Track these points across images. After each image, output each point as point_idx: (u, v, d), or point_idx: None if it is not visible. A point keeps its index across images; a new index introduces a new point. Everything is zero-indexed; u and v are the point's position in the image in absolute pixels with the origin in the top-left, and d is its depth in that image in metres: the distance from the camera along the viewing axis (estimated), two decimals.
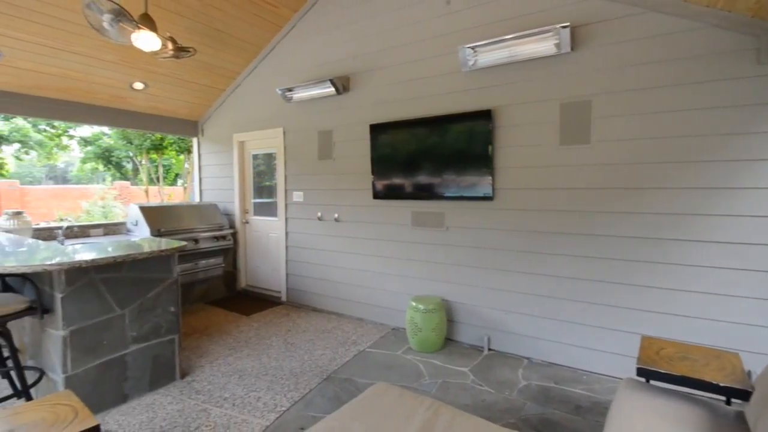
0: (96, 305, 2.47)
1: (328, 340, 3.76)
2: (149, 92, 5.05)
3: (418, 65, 3.89)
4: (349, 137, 4.42)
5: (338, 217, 4.52)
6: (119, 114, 5.17)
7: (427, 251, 3.92)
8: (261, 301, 5.09)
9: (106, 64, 4.43)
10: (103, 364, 2.52)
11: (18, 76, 4.13)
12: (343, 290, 4.53)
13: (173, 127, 6.00)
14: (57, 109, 4.66)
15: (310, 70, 4.70)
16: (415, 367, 3.23)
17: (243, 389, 2.83)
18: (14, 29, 3.61)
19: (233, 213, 5.59)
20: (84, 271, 2.39)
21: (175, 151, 9.60)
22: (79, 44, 4.03)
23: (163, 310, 2.84)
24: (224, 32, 4.61)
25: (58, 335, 2.35)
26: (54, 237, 4.19)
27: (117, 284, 2.57)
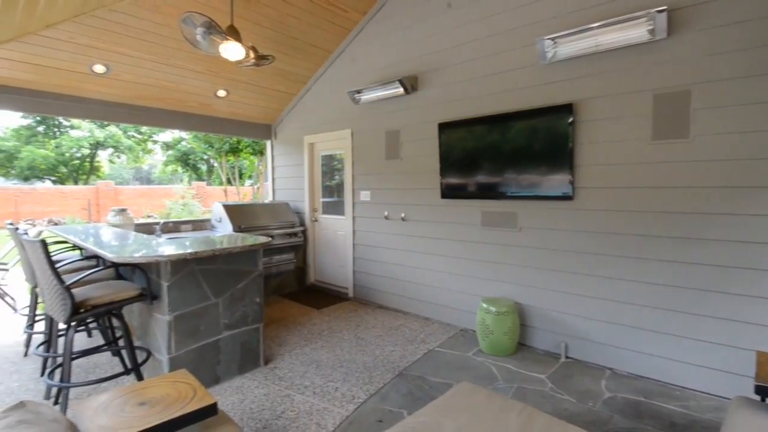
0: (195, 294, 2.73)
1: (397, 338, 3.81)
2: (230, 99, 5.46)
3: (490, 60, 3.79)
4: (417, 137, 4.43)
5: (405, 216, 4.56)
6: (204, 120, 5.65)
7: (497, 252, 3.82)
8: (329, 296, 5.28)
9: (196, 74, 4.86)
10: (200, 348, 2.77)
11: (122, 88, 4.67)
12: (409, 289, 4.56)
13: (249, 131, 6.42)
14: (153, 117, 5.20)
15: (378, 72, 4.78)
16: (488, 370, 3.17)
17: (321, 379, 2.96)
18: (121, 46, 4.08)
19: (303, 211, 5.86)
20: (186, 262, 2.65)
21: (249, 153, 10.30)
22: (174, 57, 4.46)
23: (250, 301, 3.06)
24: (298, 39, 4.84)
25: (164, 320, 2.62)
26: (152, 231, 4.69)
27: (212, 275, 2.82)
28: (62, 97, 4.44)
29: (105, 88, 4.53)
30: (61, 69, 4.07)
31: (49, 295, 2.37)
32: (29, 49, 3.71)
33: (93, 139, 24.14)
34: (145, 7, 3.73)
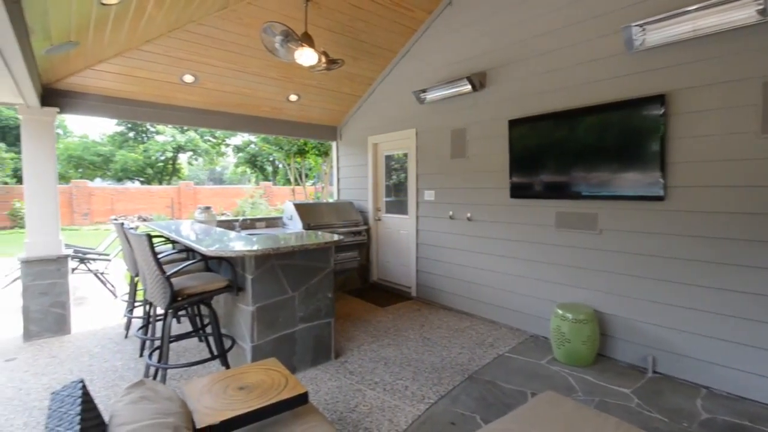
0: (275, 287, 2.89)
1: (464, 340, 3.74)
2: (301, 103, 5.71)
3: (567, 52, 3.58)
4: (484, 134, 4.32)
5: (471, 216, 4.46)
6: (276, 123, 5.97)
7: (574, 255, 3.60)
8: (392, 295, 5.33)
9: (270, 80, 5.15)
10: (278, 338, 2.93)
11: (207, 96, 5.08)
12: (475, 291, 4.46)
13: (317, 133, 6.67)
14: (232, 121, 5.59)
15: (444, 70, 4.73)
16: (564, 381, 3.00)
17: (390, 376, 2.99)
18: (208, 57, 4.44)
19: (367, 210, 5.97)
20: (268, 257, 2.82)
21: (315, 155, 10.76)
22: (252, 65, 4.76)
23: (322, 296, 3.18)
24: (365, 42, 4.94)
25: (248, 310, 2.81)
26: (232, 227, 5.05)
27: (290, 270, 2.97)
28: (156, 105, 4.93)
29: (192, 96, 4.96)
30: (156, 80, 4.53)
31: (151, 284, 2.65)
32: (130, 63, 4.17)
33: (175, 143, 26.63)
34: (229, 19, 4.02)
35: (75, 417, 1.04)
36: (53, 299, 3.94)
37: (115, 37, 3.60)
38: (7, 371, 3.19)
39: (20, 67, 2.76)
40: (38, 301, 3.87)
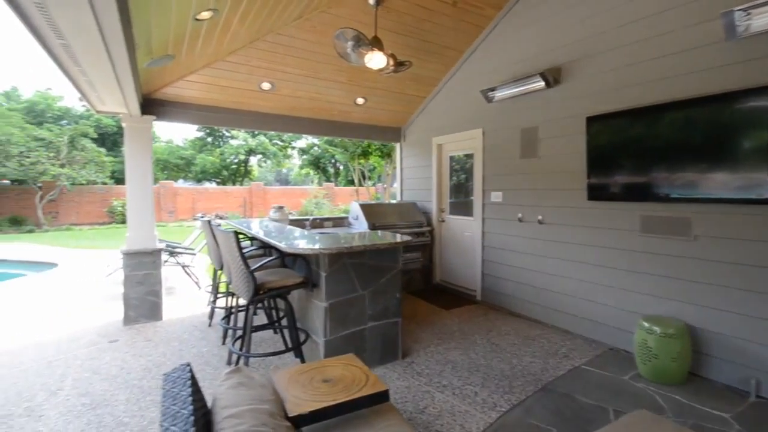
0: (346, 285, 2.98)
1: (534, 348, 3.57)
2: (367, 105, 5.83)
3: (653, 43, 3.27)
4: (558, 133, 4.08)
5: (542, 219, 4.24)
6: (344, 126, 6.15)
7: (661, 263, 3.27)
8: (456, 297, 5.24)
9: (339, 84, 5.32)
10: (349, 335, 3.02)
11: (281, 101, 5.37)
12: (546, 297, 4.23)
13: (381, 135, 6.78)
14: (303, 125, 5.86)
15: (514, 67, 4.55)
16: (651, 399, 2.73)
17: (459, 380, 2.94)
18: (284, 65, 4.69)
19: (430, 212, 5.93)
20: (341, 255, 2.91)
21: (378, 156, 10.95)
22: (323, 71, 4.95)
23: (390, 295, 3.21)
24: (431, 42, 4.91)
25: (321, 306, 2.92)
26: (303, 226, 5.30)
27: (361, 269, 3.04)
28: (236, 112, 5.32)
29: (269, 102, 5.28)
30: (237, 88, 4.88)
31: (236, 278, 2.86)
32: (215, 73, 4.53)
33: (247, 147, 28.60)
34: (304, 28, 4.22)
35: (187, 398, 1.15)
36: (148, 288, 4.41)
37: (204, 49, 3.94)
38: (111, 351, 3.63)
39: (129, 81, 3.13)
40: (136, 290, 4.36)
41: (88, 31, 2.11)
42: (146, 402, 2.70)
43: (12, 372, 3.16)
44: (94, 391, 2.85)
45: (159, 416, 1.10)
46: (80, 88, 3.47)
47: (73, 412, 2.58)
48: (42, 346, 3.74)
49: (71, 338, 3.93)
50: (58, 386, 2.93)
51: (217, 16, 3.20)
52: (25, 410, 2.61)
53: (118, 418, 2.51)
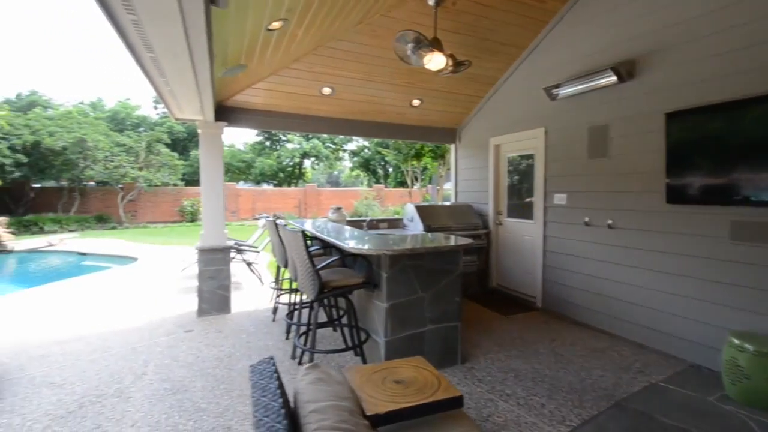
0: (407, 286, 2.99)
1: (604, 361, 3.34)
2: (422, 107, 5.81)
3: (747, 30, 2.93)
4: (632, 131, 3.80)
5: (612, 223, 3.97)
6: (399, 128, 6.18)
7: (755, 275, 2.93)
8: (514, 303, 5.06)
9: (396, 87, 5.36)
10: (409, 336, 3.02)
11: (340, 105, 5.51)
12: (617, 307, 3.95)
13: (436, 136, 6.73)
14: (361, 128, 5.97)
15: (580, 62, 4.31)
16: (743, 425, 2.45)
17: (523, 390, 2.83)
18: (344, 69, 4.81)
19: (487, 214, 5.79)
20: (401, 257, 2.92)
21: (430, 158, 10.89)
22: (380, 74, 5.01)
23: (450, 299, 3.17)
24: (489, 40, 4.79)
25: (382, 306, 2.95)
26: (360, 227, 5.40)
27: (421, 271, 3.04)
28: (298, 116, 5.53)
29: (328, 107, 5.44)
30: (299, 93, 5.08)
31: (302, 276, 2.97)
32: (280, 80, 4.75)
33: (301, 150, 29.76)
34: (364, 32, 4.30)
35: (276, 390, 1.20)
36: (219, 283, 4.72)
37: (272, 58, 4.14)
38: (187, 340, 3.92)
39: (207, 90, 3.37)
40: (208, 284, 4.68)
41: (177, 45, 2.30)
42: (220, 390, 2.88)
43: (104, 356, 3.53)
44: (174, 377, 3.10)
45: (251, 407, 1.16)
46: (163, 97, 3.79)
47: (157, 395, 2.82)
48: (127, 332, 4.13)
49: (152, 326, 4.31)
50: (142, 371, 3.22)
51: (286, 26, 3.36)
52: (115, 391, 2.89)
53: (197, 404, 2.70)
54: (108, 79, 59.98)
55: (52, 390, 2.89)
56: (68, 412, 2.59)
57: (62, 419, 2.51)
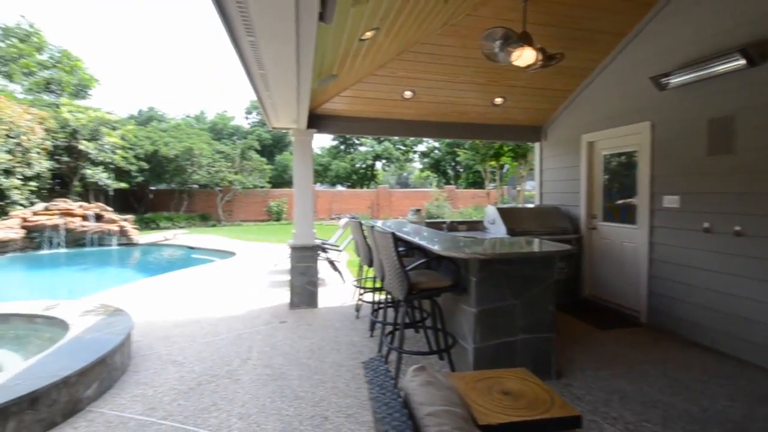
0: (497, 292, 2.89)
1: (732, 390, 2.89)
2: (505, 105, 5.59)
3: None
4: (767, 122, 3.25)
5: (741, 230, 3.43)
6: (480, 128, 6.02)
7: None
8: (612, 316, 4.61)
9: (477, 86, 5.23)
10: (499, 345, 2.92)
11: (421, 108, 5.52)
12: (745, 328, 3.40)
13: (519, 135, 6.44)
14: (440, 129, 5.94)
15: (697, 45, 3.79)
16: None
17: (632, 414, 2.56)
18: (424, 72, 4.81)
19: (577, 217, 5.37)
20: (492, 261, 2.84)
21: (510, 158, 10.45)
22: (462, 74, 4.92)
23: (543, 308, 3.00)
24: (583, 29, 4.45)
25: (470, 311, 2.89)
26: (440, 229, 5.36)
27: (512, 277, 2.92)
28: (379, 120, 5.67)
29: (409, 110, 5.49)
30: (381, 98, 5.20)
31: (391, 276, 3.03)
32: (365, 87, 4.90)
33: (374, 152, 30.51)
34: (448, 34, 4.26)
35: (393, 389, 1.24)
36: (308, 279, 5.02)
37: (360, 66, 4.30)
38: (283, 330, 4.22)
39: (306, 101, 3.60)
40: (299, 279, 5.00)
41: (287, 62, 2.50)
42: (314, 380, 3.06)
43: (214, 339, 3.95)
44: (274, 364, 3.36)
45: (370, 402, 1.21)
46: (264, 108, 4.14)
47: (261, 380, 3.08)
48: (232, 319, 4.58)
49: (252, 315, 4.73)
50: (247, 356, 3.54)
51: (377, 35, 3.46)
52: (226, 373, 3.22)
53: (295, 391, 2.90)
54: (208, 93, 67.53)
55: (176, 367, 3.31)
56: (189, 389, 2.95)
57: (185, 394, 2.87)
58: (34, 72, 19.83)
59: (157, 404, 2.73)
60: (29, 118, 12.78)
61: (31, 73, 19.74)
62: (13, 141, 11.73)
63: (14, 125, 11.85)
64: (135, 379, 3.09)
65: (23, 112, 12.71)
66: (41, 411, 2.41)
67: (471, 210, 16.18)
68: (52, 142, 13.82)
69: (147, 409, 2.67)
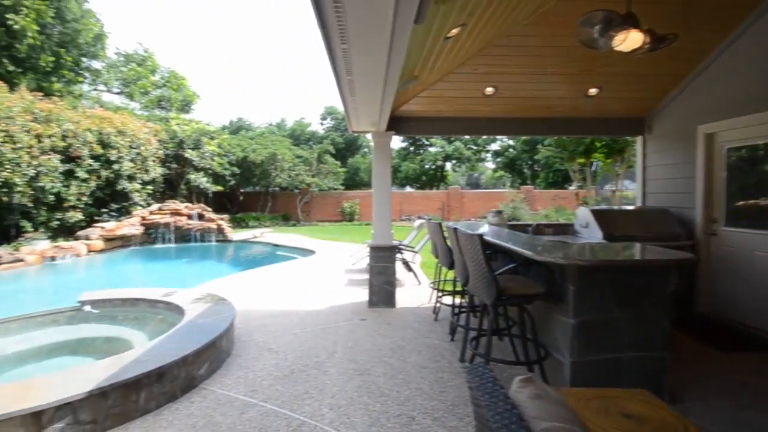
0: (599, 303, 2.63)
1: None
2: (600, 96, 5.09)
3: None
4: None
5: None
6: (569, 122, 5.59)
7: None
8: (736, 337, 3.95)
9: (568, 77, 4.85)
10: (600, 361, 2.65)
11: (502, 104, 5.27)
12: None
13: (614, 128, 5.87)
14: (523, 126, 5.64)
15: None
16: None
17: None
18: (509, 66, 4.58)
19: (692, 221, 4.70)
20: (595, 269, 2.59)
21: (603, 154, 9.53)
22: (549, 65, 4.61)
23: (655, 324, 2.66)
24: (702, 5, 3.89)
25: (567, 322, 2.67)
26: (525, 231, 5.06)
27: (618, 286, 2.63)
28: (457, 120, 5.53)
29: (489, 107, 5.28)
30: (461, 97, 5.06)
31: (477, 280, 2.92)
32: (444, 86, 4.81)
33: (444, 153, 30.11)
34: (535, 23, 4.00)
35: (507, 398, 1.16)
36: (386, 279, 5.07)
37: (441, 66, 4.24)
38: (363, 327, 4.32)
39: (389, 103, 3.64)
40: (377, 279, 5.08)
41: (377, 67, 2.53)
42: (398, 380, 3.07)
43: (303, 331, 4.18)
44: (358, 360, 3.44)
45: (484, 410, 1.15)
46: (347, 113, 4.27)
47: (347, 373, 3.18)
48: (316, 314, 4.81)
49: (333, 311, 4.92)
50: (333, 349, 3.68)
51: (462, 31, 3.37)
52: (315, 364, 3.37)
53: (380, 388, 2.93)
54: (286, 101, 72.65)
55: (271, 354, 3.56)
56: (284, 375, 3.14)
57: (281, 380, 3.06)
58: (149, 91, 22.97)
59: (257, 387, 2.96)
60: (146, 131, 14.80)
61: (147, 92, 22.88)
62: (135, 151, 13.65)
63: (136, 138, 13.80)
64: (238, 363, 3.39)
65: (142, 126, 14.75)
66: (165, 385, 2.74)
67: (552, 212, 15.10)
68: (163, 151, 15.83)
69: (249, 390, 2.91)
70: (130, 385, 2.55)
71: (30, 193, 9.84)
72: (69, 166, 11.01)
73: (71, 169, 11.07)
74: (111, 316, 4.44)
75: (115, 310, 4.50)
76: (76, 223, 11.17)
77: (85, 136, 11.58)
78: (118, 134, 12.87)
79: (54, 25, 15.76)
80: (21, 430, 2.17)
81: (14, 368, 3.50)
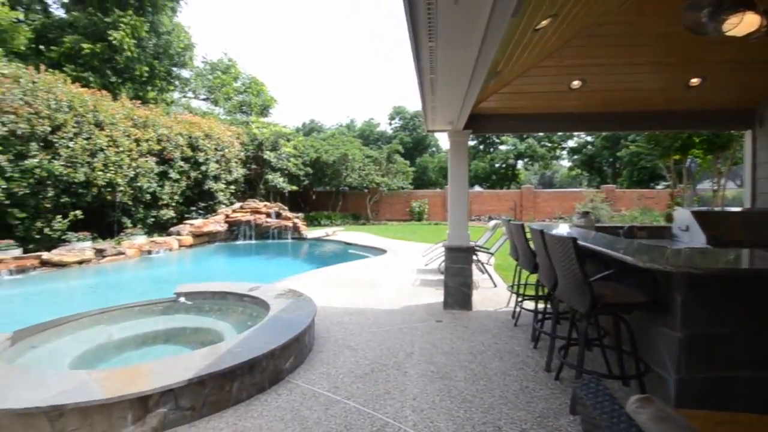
0: (710, 315, 2.37)
1: None
2: (703, 86, 4.56)
3: None
4: None
5: None
6: (665, 116, 5.10)
7: None
8: None
9: (664, 67, 4.42)
10: (712, 379, 2.39)
11: (590, 98, 4.94)
12: None
13: (719, 121, 5.24)
14: (613, 121, 5.22)
15: None
16: None
17: None
18: (598, 57, 4.28)
19: None
20: (709, 278, 2.34)
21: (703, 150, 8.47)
22: (643, 55, 4.23)
23: None
24: None
25: (673, 335, 2.44)
26: (616, 234, 4.68)
27: (735, 298, 2.35)
28: (540, 116, 5.29)
29: (575, 102, 4.98)
30: (545, 92, 4.84)
31: (569, 286, 2.78)
32: (526, 81, 4.62)
33: (516, 151, 28.86)
34: (630, 11, 3.69)
35: (629, 419, 1.11)
36: (462, 280, 5.02)
37: (525, 60, 4.09)
38: (440, 329, 4.32)
39: (471, 101, 3.61)
40: (453, 280, 5.05)
41: (465, 65, 2.53)
42: (480, 386, 3.03)
43: (380, 330, 4.30)
44: (437, 362, 3.46)
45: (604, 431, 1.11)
46: (425, 112, 4.29)
47: (427, 376, 3.21)
48: (391, 313, 4.91)
49: (409, 311, 4.98)
50: (410, 350, 3.74)
51: (552, 22, 3.23)
52: (393, 364, 3.45)
53: (462, 393, 2.92)
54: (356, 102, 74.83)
55: (351, 352, 3.71)
56: (364, 374, 3.26)
57: (361, 379, 3.17)
58: (231, 97, 25.06)
59: (339, 384, 3.09)
60: (230, 134, 16.19)
61: (230, 98, 24.97)
62: (220, 153, 15.00)
63: (220, 141, 15.16)
64: (319, 358, 3.57)
65: (226, 130, 16.17)
66: (255, 376, 2.93)
67: (637, 213, 13.75)
68: (244, 153, 17.20)
69: (332, 387, 3.04)
70: (226, 375, 2.69)
71: (130, 193, 11.21)
72: (163, 168, 12.42)
73: (165, 170, 12.48)
74: (200, 307, 4.71)
75: (205, 303, 4.78)
76: (168, 220, 12.59)
77: (177, 140, 12.99)
78: (205, 138, 14.24)
79: (148, 39, 17.62)
80: (130, 413, 2.35)
81: (118, 354, 3.75)
